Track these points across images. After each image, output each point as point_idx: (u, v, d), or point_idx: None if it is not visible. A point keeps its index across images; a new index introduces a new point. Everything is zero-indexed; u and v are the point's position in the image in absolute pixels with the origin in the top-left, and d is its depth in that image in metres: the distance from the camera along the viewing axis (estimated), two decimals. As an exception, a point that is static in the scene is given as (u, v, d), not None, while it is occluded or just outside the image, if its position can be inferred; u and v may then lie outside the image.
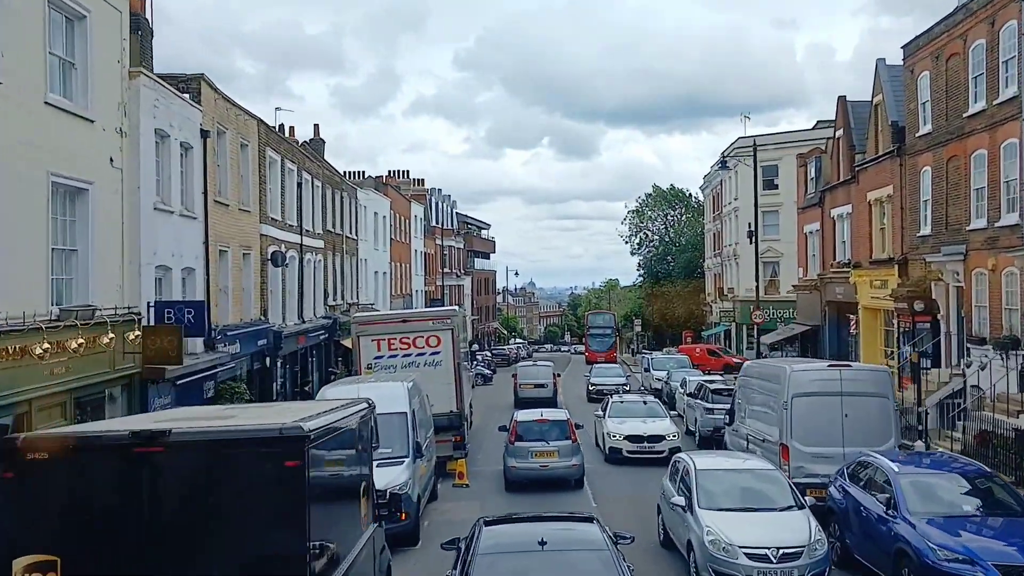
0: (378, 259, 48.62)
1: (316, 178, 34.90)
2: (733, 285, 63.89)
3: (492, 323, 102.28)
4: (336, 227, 38.55)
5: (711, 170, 73.82)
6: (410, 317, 26.10)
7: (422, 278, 65.12)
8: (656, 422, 24.35)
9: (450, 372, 25.40)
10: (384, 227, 50.40)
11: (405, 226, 58.65)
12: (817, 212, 43.43)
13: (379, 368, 25.44)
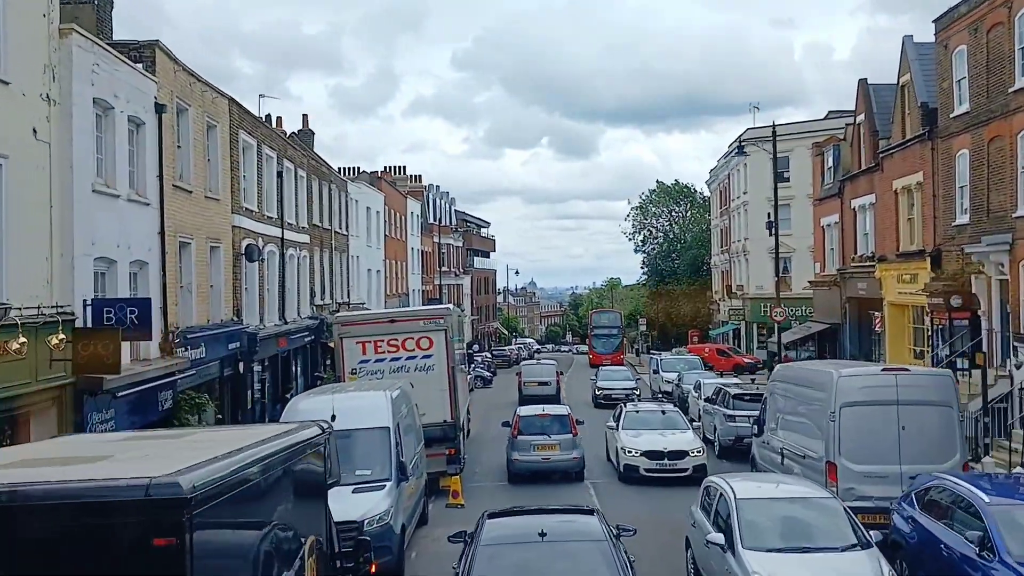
0: (372, 257, 45.87)
1: (300, 168, 32.16)
2: (742, 282, 61.11)
3: (492, 323, 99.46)
4: (324, 222, 35.80)
5: (718, 164, 71.06)
6: (399, 317, 23.32)
7: (419, 277, 62.36)
8: (677, 435, 21.39)
9: (443, 377, 22.69)
10: (378, 223, 47.65)
11: (401, 223, 55.90)
12: (836, 203, 40.66)
13: (364, 373, 22.72)
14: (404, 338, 22.77)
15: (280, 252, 28.32)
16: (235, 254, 23.76)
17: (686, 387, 35.90)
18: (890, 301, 33.32)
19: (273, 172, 27.92)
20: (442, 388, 22.70)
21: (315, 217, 34.31)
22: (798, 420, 17.40)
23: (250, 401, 23.97)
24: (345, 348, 22.72)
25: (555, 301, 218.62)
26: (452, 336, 23.00)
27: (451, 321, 22.99)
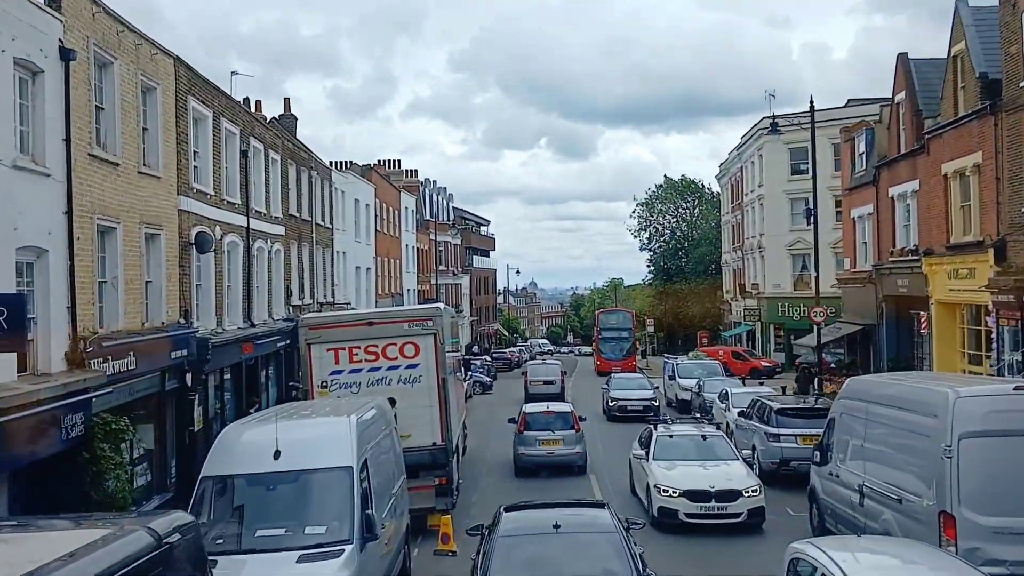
0: (360, 253, 41.75)
1: (274, 150, 28.02)
2: (758, 281, 57.00)
3: (492, 324, 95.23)
4: (303, 212, 31.66)
5: (728, 157, 66.91)
6: (378, 318, 19.13)
7: (414, 276, 58.23)
8: (724, 467, 16.91)
9: (432, 391, 18.60)
10: (368, 217, 43.52)
11: (394, 218, 51.78)
12: (869, 192, 36.53)
13: (337, 387, 18.61)
14: (385, 344, 18.69)
15: (245, 244, 24.20)
16: (183, 244, 19.62)
17: (708, 396, 31.78)
18: (938, 299, 29.22)
19: (236, 151, 23.79)
20: (431, 404, 18.62)
21: (292, 207, 30.18)
22: (887, 451, 13.26)
23: (200, 421, 19.80)
24: (314, 357, 18.61)
25: (555, 302, 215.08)
26: (443, 340, 18.87)
27: (442, 323, 18.87)
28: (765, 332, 56.85)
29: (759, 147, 56.11)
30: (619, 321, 57.09)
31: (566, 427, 22.43)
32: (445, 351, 19.06)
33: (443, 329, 18.91)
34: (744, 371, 47.46)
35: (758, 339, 58.24)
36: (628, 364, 52.28)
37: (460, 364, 26.15)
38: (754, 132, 56.91)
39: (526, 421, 22.80)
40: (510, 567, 9.63)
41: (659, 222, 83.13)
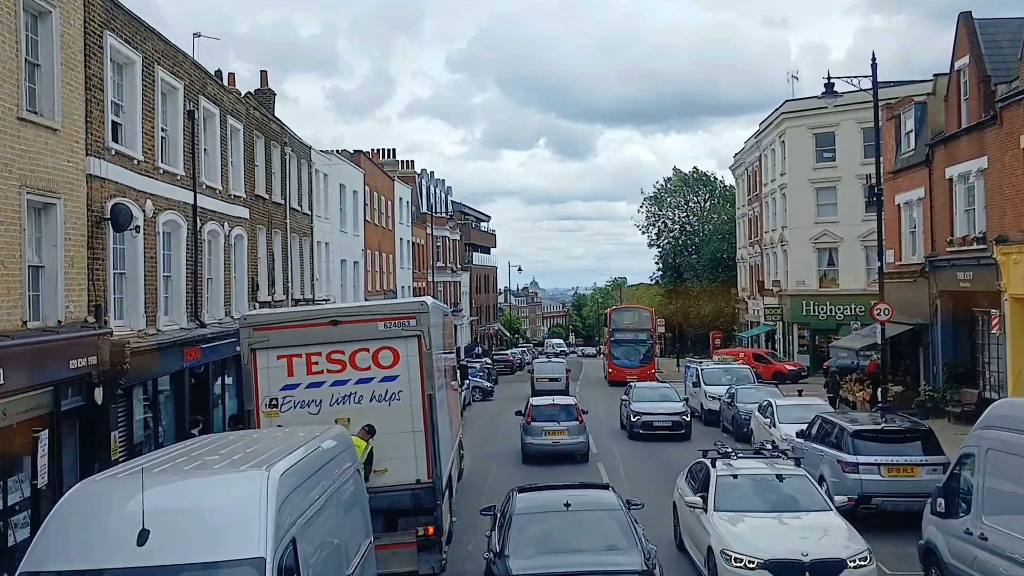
0: (347, 245, 37.13)
1: (235, 117, 23.38)
2: (779, 277, 52.33)
3: (493, 324, 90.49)
4: (274, 194, 27.02)
5: (744, 146, 62.24)
6: (345, 315, 14.43)
7: (409, 272, 53.58)
8: (814, 522, 11.91)
9: (416, 411, 13.99)
10: (356, 205, 38.91)
11: (387, 209, 47.12)
12: (920, 175, 31.90)
13: (291, 407, 13.99)
14: (355, 349, 14.07)
15: (192, 225, 19.54)
16: (95, 219, 14.98)
17: (743, 407, 27.11)
18: (1014, 294, 24.64)
19: (179, 111, 19.13)
20: (413, 428, 14.01)
21: (260, 186, 25.54)
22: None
23: (117, 449, 15.14)
24: (260, 366, 13.96)
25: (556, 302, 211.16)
26: (431, 344, 14.22)
27: (429, 322, 14.21)
28: (787, 333, 52.17)
29: (780, 133, 51.47)
30: (635, 321, 49.05)
31: (570, 419, 23.16)
32: (433, 358, 14.44)
33: (430, 329, 14.27)
34: (767, 375, 42.60)
35: (779, 340, 53.56)
36: (646, 372, 45.11)
37: (456, 371, 21.45)
38: (775, 118, 52.27)
39: (533, 413, 23.56)
40: (526, 541, 10.37)
41: (668, 217, 78.37)
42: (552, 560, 9.96)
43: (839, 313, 48.28)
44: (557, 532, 10.66)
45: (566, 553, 10.11)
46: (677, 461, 22.82)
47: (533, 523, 10.85)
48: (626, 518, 10.90)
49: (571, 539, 10.46)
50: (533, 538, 10.50)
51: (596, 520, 10.91)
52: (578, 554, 10.06)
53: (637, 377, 40.59)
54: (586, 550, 10.19)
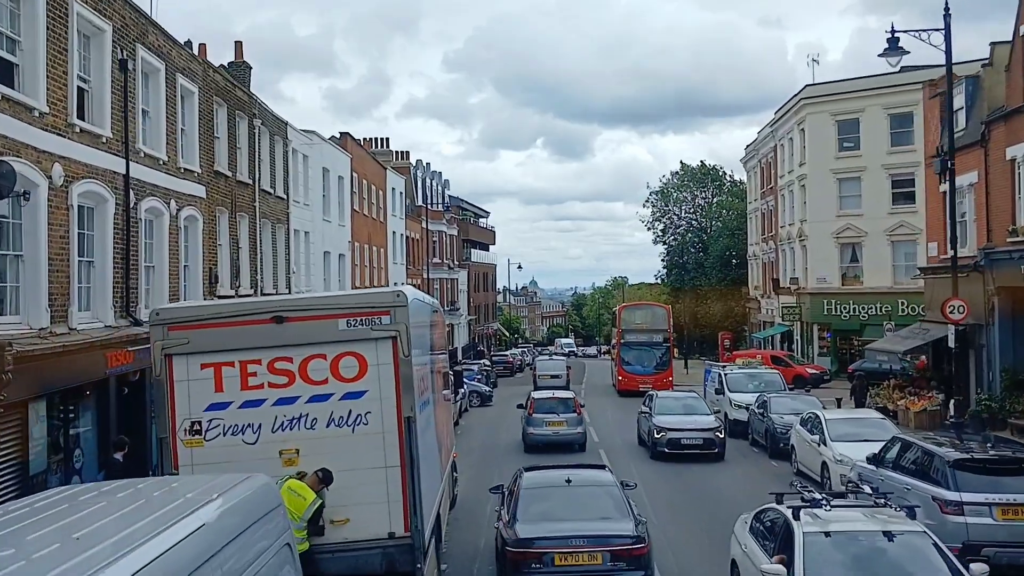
0: (331, 236, 33.35)
1: (187, 78, 19.59)
2: (797, 275, 48.58)
3: (492, 324, 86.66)
4: (240, 172, 23.23)
5: (758, 137, 58.49)
6: (294, 309, 10.61)
7: (403, 268, 49.77)
8: None
9: (389, 438, 10.31)
10: (341, 193, 35.14)
11: (378, 199, 43.32)
12: (973, 157, 28.08)
13: (219, 434, 10.31)
14: (306, 356, 10.37)
15: (122, 201, 15.75)
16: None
17: (778, 420, 23.34)
18: (1096, 291, 20.89)
19: (105, 59, 15.33)
20: (386, 463, 10.31)
21: (221, 162, 21.76)
22: None
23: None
24: (176, 378, 10.23)
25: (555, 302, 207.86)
26: (410, 349, 10.44)
27: (408, 319, 10.40)
28: (806, 333, 48.39)
29: (800, 121, 47.71)
30: (650, 320, 41.87)
31: (569, 411, 24.11)
32: (414, 366, 10.68)
33: (410, 329, 10.50)
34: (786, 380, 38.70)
35: (797, 342, 49.80)
36: (662, 380, 38.76)
37: (448, 379, 17.64)
38: (793, 104, 48.51)
39: (534, 405, 24.64)
40: (531, 511, 11.52)
41: (675, 212, 74.52)
42: (554, 526, 11.05)
43: (863, 313, 44.55)
44: (559, 504, 11.70)
45: (566, 521, 11.17)
46: (713, 488, 18.99)
47: (538, 497, 11.90)
48: (620, 493, 12.01)
49: (571, 510, 11.50)
50: (538, 509, 11.56)
51: (593, 494, 11.94)
52: (576, 522, 11.11)
53: (652, 386, 35.59)
54: (584, 519, 11.21)
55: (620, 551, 10.63)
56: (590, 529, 10.91)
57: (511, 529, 11.21)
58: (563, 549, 10.64)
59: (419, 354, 11.28)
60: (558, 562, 10.60)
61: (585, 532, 10.81)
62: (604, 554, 10.61)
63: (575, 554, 10.62)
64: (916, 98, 43.81)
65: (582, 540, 10.70)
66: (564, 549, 10.64)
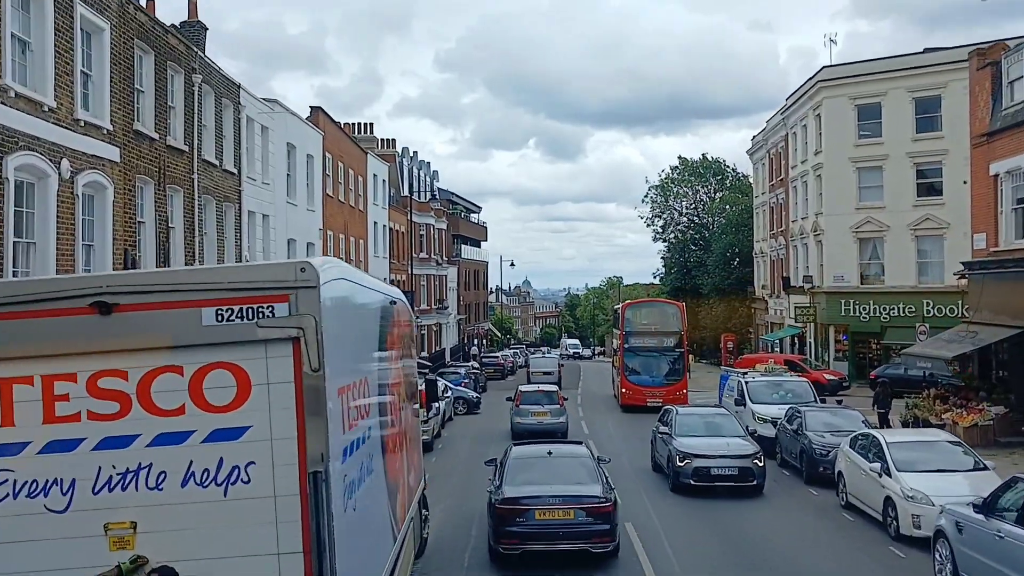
0: (298, 221, 29.18)
1: (94, 10, 15.40)
2: (811, 272, 44.54)
3: (483, 324, 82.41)
4: (174, 137, 19.05)
5: (766, 126, 54.45)
6: (128, 289, 6.44)
7: (385, 261, 45.59)
8: None
9: (286, 508, 6.14)
10: (312, 174, 30.96)
11: (356, 185, 39.14)
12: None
13: (7, 497, 6.15)
14: (149, 368, 6.23)
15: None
16: None
17: (818, 440, 19.26)
18: None
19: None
20: (282, 548, 6.19)
21: (144, 122, 17.57)
22: None
23: None
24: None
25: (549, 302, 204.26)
26: (320, 360, 6.26)
27: (318, 310, 6.25)
28: (820, 336, 44.35)
29: (816, 106, 43.68)
30: (660, 320, 34.90)
31: (552, 403, 26.24)
32: (334, 388, 6.53)
33: (321, 325, 6.32)
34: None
35: (810, 345, 45.75)
36: (675, 393, 32.04)
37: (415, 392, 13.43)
38: (808, 88, 44.47)
39: (521, 397, 26.85)
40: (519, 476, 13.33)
41: (675, 208, 70.35)
42: (535, 488, 12.87)
43: (884, 314, 40.55)
44: (540, 471, 13.47)
45: (545, 484, 12.97)
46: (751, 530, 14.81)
47: (523, 465, 13.74)
48: (593, 464, 13.85)
49: (550, 476, 13.27)
50: (523, 475, 13.36)
51: (570, 464, 13.78)
52: (554, 485, 12.93)
53: (663, 400, 30.07)
54: (561, 483, 13.01)
55: (590, 508, 12.44)
56: (565, 491, 12.70)
57: (500, 491, 12.98)
58: (542, 507, 12.47)
59: (347, 366, 7.16)
60: (538, 517, 12.46)
61: (561, 493, 12.64)
62: (577, 511, 12.43)
63: (552, 510, 12.46)
64: (943, 80, 39.94)
65: (558, 499, 12.53)
66: (543, 507, 12.47)
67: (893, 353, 40.96)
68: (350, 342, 7.48)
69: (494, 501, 12.92)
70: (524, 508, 12.46)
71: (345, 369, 7.03)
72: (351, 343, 7.55)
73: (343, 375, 6.89)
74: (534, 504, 12.47)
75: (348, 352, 7.32)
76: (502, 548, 12.58)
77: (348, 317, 7.40)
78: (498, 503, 12.73)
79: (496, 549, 12.75)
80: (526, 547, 12.42)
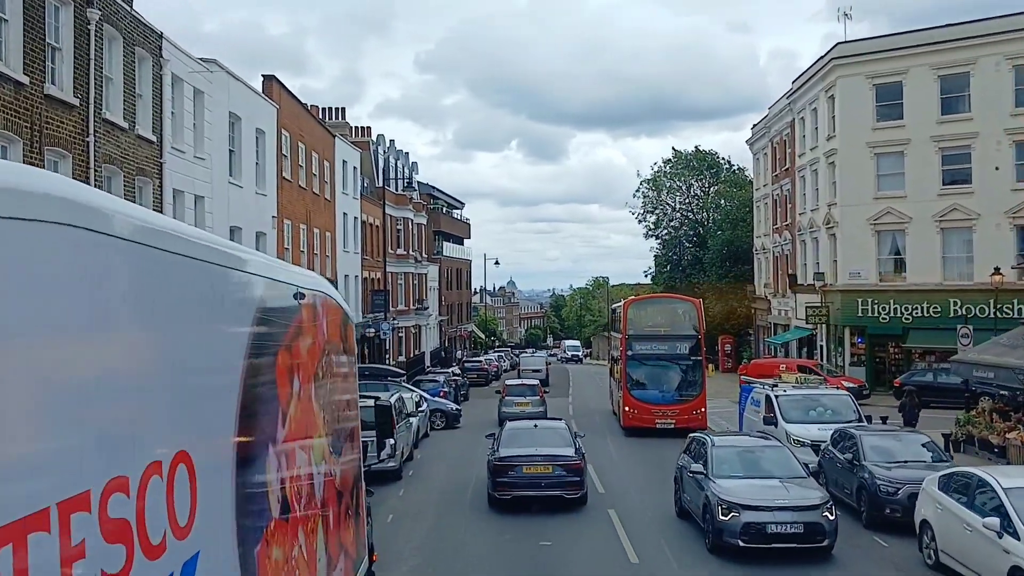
0: (243, 206, 24.63)
1: None
2: (823, 269, 40.40)
3: (466, 325, 77.86)
4: (61, 87, 14.49)
5: (769, 112, 50.29)
6: None
7: (357, 257, 41.05)
8: None
9: None
10: (262, 153, 26.42)
11: (322, 170, 34.61)
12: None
13: None
14: None
15: None
16: None
17: (882, 473, 15.02)
18: None
19: None
20: None
21: (11, 64, 13.08)
22: None
23: None
24: None
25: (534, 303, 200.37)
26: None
27: None
28: (833, 338, 40.23)
29: (829, 86, 39.56)
30: (671, 320, 28.68)
31: (534, 395, 29.95)
32: None
33: None
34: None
35: (820, 348, 41.61)
36: (691, 412, 26.18)
37: (349, 433, 8.94)
38: (822, 67, 40.29)
39: (507, 390, 31.21)
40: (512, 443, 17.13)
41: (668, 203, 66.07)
42: (522, 450, 16.63)
43: (906, 314, 36.47)
44: (527, 439, 17.31)
45: (531, 447, 16.77)
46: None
47: (514, 435, 17.58)
48: (569, 434, 17.85)
49: (535, 442, 17.09)
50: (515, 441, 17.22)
51: (551, 434, 17.68)
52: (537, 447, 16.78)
53: (675, 421, 25.32)
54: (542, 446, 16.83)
55: (565, 465, 16.37)
56: (546, 452, 16.62)
57: (496, 453, 16.93)
58: (528, 463, 16.34)
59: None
60: (525, 471, 16.28)
61: (543, 453, 16.55)
62: (555, 466, 16.34)
63: (536, 466, 16.32)
64: (972, 56, 35.88)
65: (540, 458, 16.42)
66: (529, 463, 16.34)
67: (915, 357, 37.03)
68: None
69: (492, 460, 16.82)
70: (514, 464, 16.28)
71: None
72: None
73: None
74: (522, 461, 16.28)
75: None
76: (497, 494, 16.40)
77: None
78: (495, 461, 16.59)
79: (493, 495, 16.52)
80: (515, 493, 16.17)
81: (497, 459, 16.44)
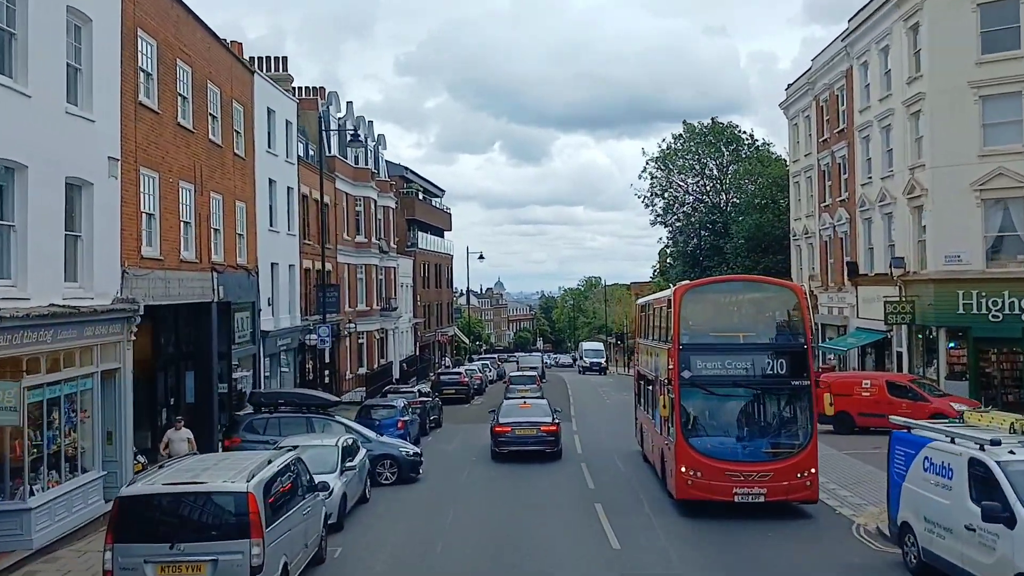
0: (36, 135, 14.39)
1: None
2: (904, 252, 30.36)
3: (447, 328, 67.35)
4: None
5: (812, 66, 40.15)
6: None
7: (294, 240, 30.73)
8: None
9: None
10: (83, 53, 16.12)
11: (230, 114, 24.36)
12: None
13: None
14: None
15: None
16: None
17: None
18: None
19: None
20: None
21: None
22: None
23: None
24: None
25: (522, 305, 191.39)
26: None
27: None
28: (920, 343, 30.20)
29: (908, 13, 29.55)
30: (758, 318, 17.32)
31: (532, 384, 37.10)
32: None
33: None
34: (920, 417, 19.68)
35: (898, 356, 31.56)
36: (794, 475, 15.59)
37: None
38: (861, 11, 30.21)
39: (511, 380, 39.71)
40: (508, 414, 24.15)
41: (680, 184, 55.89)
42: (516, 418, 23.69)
43: (993, 308, 26.63)
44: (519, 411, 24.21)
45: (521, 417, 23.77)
46: None
47: (510, 408, 24.58)
48: (549, 408, 24.77)
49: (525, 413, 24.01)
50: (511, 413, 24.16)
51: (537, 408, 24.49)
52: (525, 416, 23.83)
53: (766, 491, 15.45)
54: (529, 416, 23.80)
55: (543, 428, 23.33)
56: (532, 419, 23.62)
57: (496, 420, 24.07)
58: (520, 428, 23.31)
59: None
60: (518, 433, 23.20)
61: (529, 419, 23.59)
62: (537, 430, 23.29)
63: (524, 429, 23.26)
64: None
65: (528, 423, 23.40)
66: (520, 428, 23.31)
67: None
68: None
69: (493, 426, 24.06)
70: (509, 428, 23.31)
71: None
72: None
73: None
74: (515, 427, 23.32)
75: None
76: (498, 450, 23.38)
77: None
78: (495, 426, 23.79)
79: (495, 451, 23.48)
80: (510, 448, 23.12)
81: (497, 424, 23.82)
